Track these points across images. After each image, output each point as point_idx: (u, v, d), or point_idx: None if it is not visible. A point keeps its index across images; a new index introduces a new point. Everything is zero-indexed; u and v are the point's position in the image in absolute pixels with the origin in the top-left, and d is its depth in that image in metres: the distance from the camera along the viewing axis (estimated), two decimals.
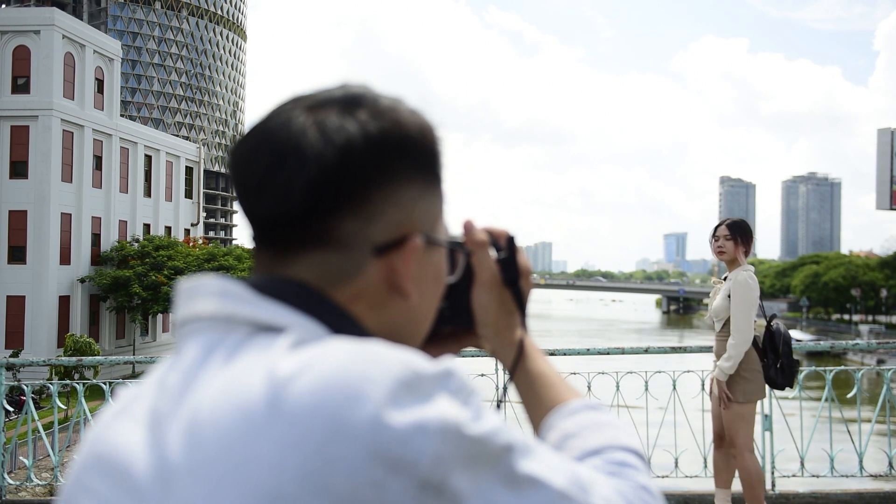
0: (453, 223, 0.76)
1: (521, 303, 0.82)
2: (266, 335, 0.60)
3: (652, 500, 0.67)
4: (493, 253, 0.81)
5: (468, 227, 0.79)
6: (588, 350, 5.17)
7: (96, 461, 0.60)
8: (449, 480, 0.54)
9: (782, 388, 4.29)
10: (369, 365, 0.55)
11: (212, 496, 0.53)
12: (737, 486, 4.38)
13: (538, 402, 0.80)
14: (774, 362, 4.20)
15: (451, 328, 0.82)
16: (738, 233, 4.35)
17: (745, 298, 4.20)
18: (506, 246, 0.81)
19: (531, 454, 0.59)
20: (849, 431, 5.23)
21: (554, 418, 0.78)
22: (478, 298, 0.81)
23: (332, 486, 0.51)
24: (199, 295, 0.63)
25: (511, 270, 0.81)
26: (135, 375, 32.19)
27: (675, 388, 5.25)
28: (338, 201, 0.63)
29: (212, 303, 0.62)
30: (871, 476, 5.20)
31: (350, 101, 0.65)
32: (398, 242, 0.66)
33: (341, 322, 0.63)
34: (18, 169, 33.80)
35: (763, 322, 4.39)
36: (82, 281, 35.32)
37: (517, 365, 0.82)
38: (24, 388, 5.45)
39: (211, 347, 0.60)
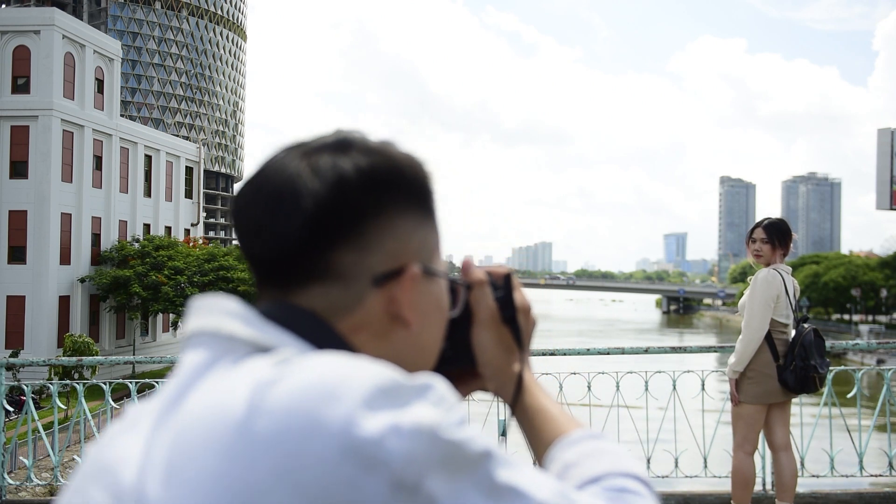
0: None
1: (519, 339, 0.82)
2: (262, 355, 0.62)
3: None
4: (490, 292, 0.81)
5: (466, 266, 0.81)
6: (588, 350, 5.16)
7: (95, 469, 0.62)
8: (424, 483, 0.54)
9: (796, 393, 4.14)
10: (350, 371, 0.57)
11: (185, 495, 0.54)
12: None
13: (539, 436, 0.80)
14: (789, 365, 4.08)
15: (455, 369, 0.82)
16: (775, 235, 4.22)
17: (761, 296, 4.10)
18: (503, 284, 0.82)
19: (512, 465, 0.59)
20: (849, 431, 5.23)
21: (555, 450, 0.77)
22: (477, 337, 0.81)
23: (306, 483, 0.52)
24: (209, 312, 0.65)
25: (508, 307, 0.81)
26: (135, 375, 32.20)
27: (675, 388, 5.24)
28: (334, 234, 0.65)
29: (218, 320, 0.64)
30: (871, 476, 5.19)
31: (341, 144, 0.68)
32: (396, 272, 0.68)
33: (340, 350, 0.64)
34: (18, 169, 33.78)
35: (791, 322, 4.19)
36: (82, 281, 35.30)
37: (517, 400, 0.82)
38: (24, 388, 5.43)
39: (209, 362, 0.62)
